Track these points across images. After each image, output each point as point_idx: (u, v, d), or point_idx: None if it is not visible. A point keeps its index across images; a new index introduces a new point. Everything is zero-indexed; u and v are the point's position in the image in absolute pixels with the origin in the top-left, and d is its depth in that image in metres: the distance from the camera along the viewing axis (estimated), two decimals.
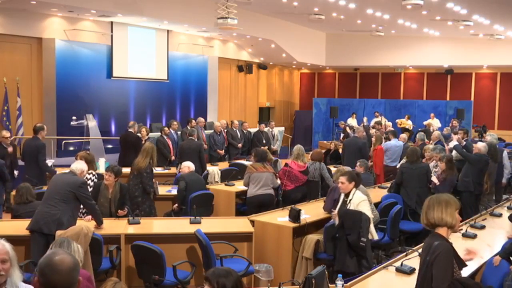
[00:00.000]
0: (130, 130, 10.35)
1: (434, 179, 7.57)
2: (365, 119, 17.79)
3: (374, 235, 5.64)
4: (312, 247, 5.94)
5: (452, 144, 8.78)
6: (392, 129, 13.01)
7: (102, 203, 6.29)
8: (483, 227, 6.10)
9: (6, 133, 8.59)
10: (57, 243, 3.62)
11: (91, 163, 6.87)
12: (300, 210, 6.12)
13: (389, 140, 10.51)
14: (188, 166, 7.73)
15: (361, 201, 5.58)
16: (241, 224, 6.20)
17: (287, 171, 7.54)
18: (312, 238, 6.01)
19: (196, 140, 9.93)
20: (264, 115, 21.30)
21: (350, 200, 5.62)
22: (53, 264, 2.18)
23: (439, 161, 7.79)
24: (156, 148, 10.36)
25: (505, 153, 9.67)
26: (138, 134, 10.27)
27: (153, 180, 7.22)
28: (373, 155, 10.16)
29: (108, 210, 6.29)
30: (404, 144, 10.77)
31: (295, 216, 6.05)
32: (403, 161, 8.09)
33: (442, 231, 3.31)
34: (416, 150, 7.99)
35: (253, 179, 7.34)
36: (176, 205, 7.42)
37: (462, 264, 3.32)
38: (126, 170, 7.50)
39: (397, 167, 10.29)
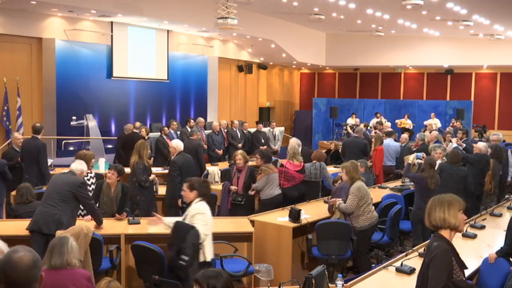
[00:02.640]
0: (135, 131, 10.41)
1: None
2: (362, 124, 17.59)
3: (207, 255, 4.73)
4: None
5: (451, 146, 8.76)
6: (391, 129, 13.00)
7: (106, 202, 6.30)
8: (483, 227, 6.10)
9: (18, 135, 8.53)
10: (55, 241, 3.63)
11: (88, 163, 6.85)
12: (300, 210, 6.12)
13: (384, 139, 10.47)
14: (174, 146, 7.42)
15: (196, 213, 4.74)
16: (241, 224, 6.20)
17: (283, 171, 7.54)
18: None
19: (196, 140, 9.93)
20: (264, 115, 21.29)
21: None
22: (12, 262, 2.23)
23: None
24: (156, 147, 10.49)
25: (509, 152, 9.70)
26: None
27: (150, 175, 7.19)
28: (373, 155, 10.15)
29: (111, 209, 6.30)
30: (405, 144, 10.77)
31: (295, 216, 6.06)
32: (439, 160, 7.91)
33: (444, 232, 3.27)
34: (458, 152, 7.82)
35: (271, 180, 7.22)
36: (181, 200, 7.12)
37: (463, 265, 3.29)
38: (128, 170, 7.50)
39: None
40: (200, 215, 4.72)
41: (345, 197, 6.18)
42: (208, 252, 4.75)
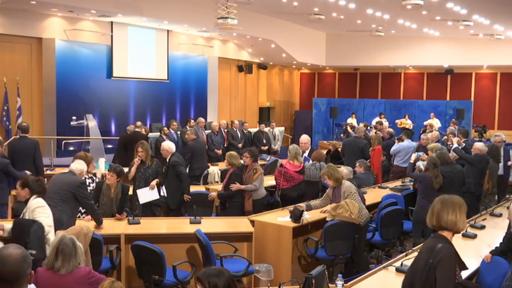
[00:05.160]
0: (137, 130, 10.45)
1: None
2: (361, 124, 17.55)
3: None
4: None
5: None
6: (391, 129, 12.97)
7: (105, 202, 6.30)
8: (483, 227, 6.10)
9: None
10: (65, 244, 3.64)
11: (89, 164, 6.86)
12: (303, 210, 6.10)
13: (402, 141, 10.36)
14: (167, 149, 7.38)
15: (36, 207, 4.70)
16: (241, 224, 6.20)
17: (282, 171, 7.53)
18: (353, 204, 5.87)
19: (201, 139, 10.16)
20: (264, 115, 21.30)
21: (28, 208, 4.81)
22: (1, 257, 2.34)
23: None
24: (156, 147, 10.51)
25: (511, 152, 9.69)
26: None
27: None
28: (372, 155, 10.13)
29: (111, 210, 6.30)
30: None
31: (296, 216, 6.04)
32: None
33: (447, 233, 3.26)
34: (445, 152, 7.75)
35: (262, 180, 7.28)
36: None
37: (463, 266, 3.30)
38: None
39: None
40: (40, 208, 4.72)
41: (339, 200, 6.11)
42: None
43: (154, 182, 6.98)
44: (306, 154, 8.50)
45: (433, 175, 6.78)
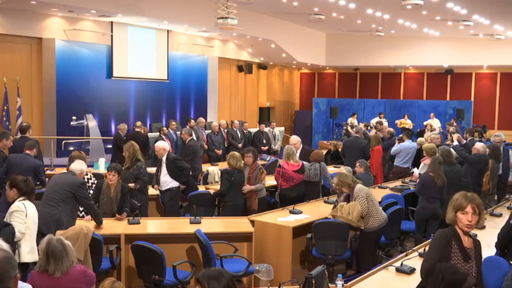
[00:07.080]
0: (137, 130, 10.45)
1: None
2: (361, 124, 17.49)
3: (22, 255, 4.57)
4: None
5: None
6: (392, 129, 12.97)
7: (105, 202, 6.30)
8: (483, 227, 6.09)
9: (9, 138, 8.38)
10: (54, 247, 3.62)
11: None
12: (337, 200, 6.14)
13: (403, 141, 10.33)
14: (163, 148, 7.45)
15: (15, 211, 4.62)
16: (241, 224, 6.20)
17: (281, 172, 7.55)
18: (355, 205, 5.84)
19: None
20: (264, 115, 21.29)
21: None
22: None
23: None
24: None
25: (511, 152, 9.69)
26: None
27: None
28: (371, 155, 10.12)
29: (111, 209, 6.30)
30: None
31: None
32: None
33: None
34: (450, 151, 7.81)
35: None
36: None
37: (467, 256, 3.35)
38: None
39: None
40: (18, 213, 4.60)
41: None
42: (24, 253, 4.58)
43: None
44: (298, 155, 8.52)
45: (436, 174, 6.78)
